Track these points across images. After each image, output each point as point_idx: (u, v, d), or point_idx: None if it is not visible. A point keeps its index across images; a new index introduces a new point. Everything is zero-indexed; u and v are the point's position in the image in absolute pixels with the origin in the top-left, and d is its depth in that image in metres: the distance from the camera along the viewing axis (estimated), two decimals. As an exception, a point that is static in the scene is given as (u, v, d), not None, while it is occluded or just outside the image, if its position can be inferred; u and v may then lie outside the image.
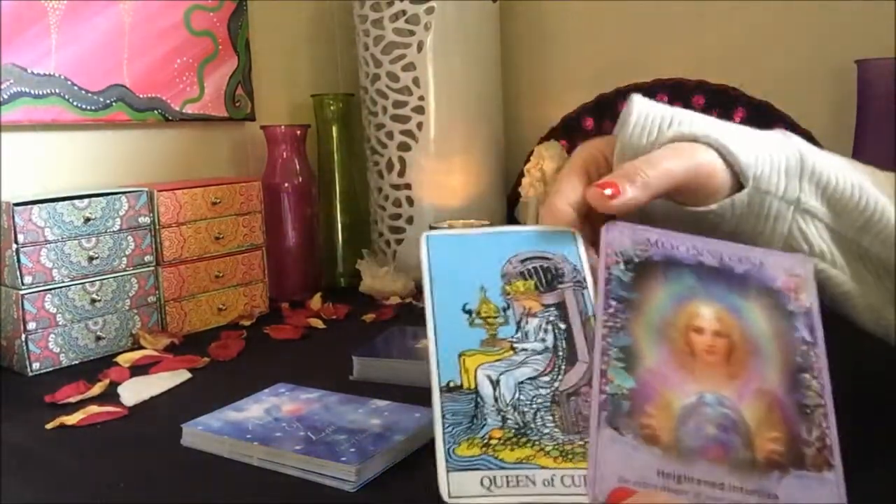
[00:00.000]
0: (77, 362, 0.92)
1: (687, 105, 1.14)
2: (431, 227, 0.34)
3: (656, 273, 0.38)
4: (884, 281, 0.45)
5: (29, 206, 0.88)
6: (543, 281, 0.39)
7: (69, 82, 1.06)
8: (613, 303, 0.36)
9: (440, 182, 1.24)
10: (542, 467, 0.33)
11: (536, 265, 0.39)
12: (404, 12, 1.22)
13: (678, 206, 0.46)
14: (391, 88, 1.25)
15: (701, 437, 0.33)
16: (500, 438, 0.34)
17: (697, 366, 0.35)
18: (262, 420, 0.65)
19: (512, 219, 1.31)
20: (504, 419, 0.34)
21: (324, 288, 1.25)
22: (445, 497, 0.32)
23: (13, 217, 0.86)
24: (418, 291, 1.20)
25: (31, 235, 0.88)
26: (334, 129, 1.32)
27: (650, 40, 1.29)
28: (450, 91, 1.24)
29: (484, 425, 0.34)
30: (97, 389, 0.80)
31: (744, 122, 1.11)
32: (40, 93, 1.03)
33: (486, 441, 0.33)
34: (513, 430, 0.34)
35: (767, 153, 0.45)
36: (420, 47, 1.22)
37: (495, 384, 0.35)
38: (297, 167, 1.23)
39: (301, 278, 1.23)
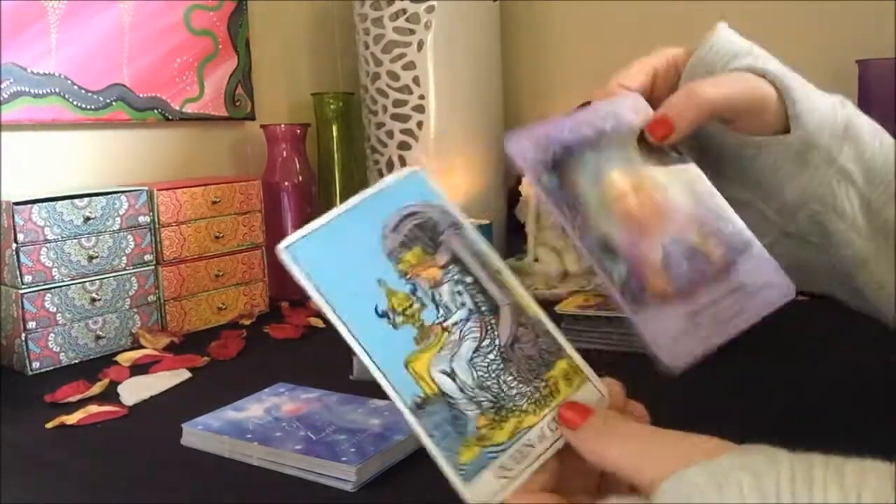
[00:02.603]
0: (77, 361, 0.92)
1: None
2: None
3: (568, 165, 0.40)
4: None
5: (29, 206, 0.88)
6: (426, 240, 0.36)
7: (69, 81, 1.06)
8: (565, 208, 0.38)
9: (440, 181, 1.24)
10: (530, 427, 0.34)
11: (410, 225, 0.36)
12: (404, 11, 1.22)
13: (724, 131, 0.48)
14: (391, 87, 1.25)
15: (683, 275, 0.39)
16: (486, 425, 0.33)
17: (644, 223, 0.40)
18: (262, 420, 0.65)
19: (512, 217, 1.31)
20: (478, 404, 0.33)
21: (324, 287, 1.25)
22: None
23: (13, 216, 0.86)
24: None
25: (30, 235, 0.88)
26: (334, 127, 1.32)
27: (650, 40, 1.29)
28: (450, 90, 1.24)
29: (467, 421, 0.33)
30: (97, 389, 0.80)
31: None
32: (40, 92, 1.03)
33: (477, 435, 0.33)
34: (491, 410, 0.34)
35: (823, 110, 0.47)
36: (420, 46, 1.22)
37: (453, 376, 0.34)
38: (297, 166, 1.23)
39: (301, 277, 1.23)
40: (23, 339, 0.87)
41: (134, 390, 0.79)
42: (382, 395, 0.74)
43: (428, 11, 1.21)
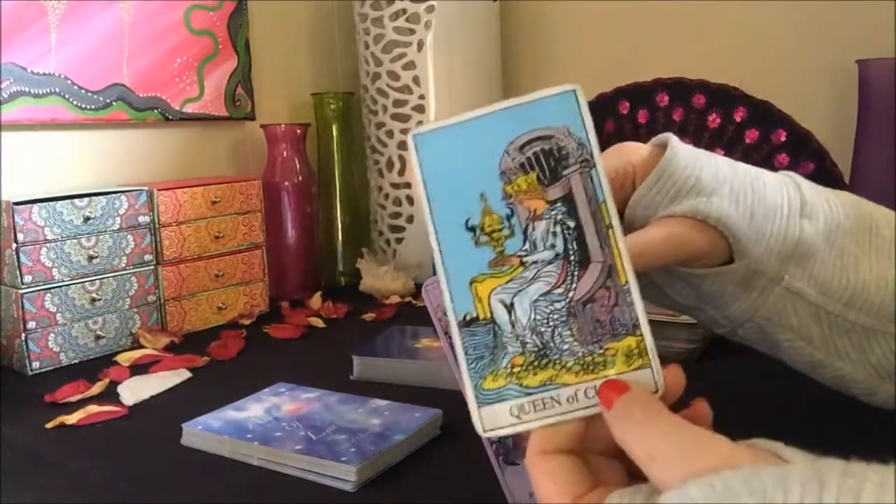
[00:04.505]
0: (77, 361, 0.92)
1: (687, 105, 1.14)
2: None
3: None
4: (867, 354, 0.47)
5: (29, 205, 0.88)
6: (546, 170, 0.34)
7: (69, 81, 1.06)
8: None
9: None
10: (565, 385, 0.33)
11: (537, 150, 0.34)
12: (404, 11, 1.22)
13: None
14: (391, 87, 1.25)
15: None
16: (521, 365, 0.34)
17: None
18: (263, 420, 0.65)
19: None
20: (523, 344, 0.34)
21: (324, 287, 1.25)
22: (480, 431, 0.33)
23: (13, 216, 0.86)
24: (418, 290, 1.20)
25: (30, 234, 0.88)
26: (334, 127, 1.32)
27: (650, 40, 1.29)
28: (450, 90, 1.24)
29: (505, 354, 0.34)
30: (97, 389, 0.80)
31: (744, 121, 1.11)
32: (40, 92, 1.03)
33: (509, 371, 0.33)
34: (533, 354, 0.34)
35: (768, 232, 0.46)
36: (420, 46, 1.22)
37: (510, 309, 0.34)
38: (297, 166, 1.23)
39: (301, 277, 1.23)
40: (23, 339, 0.87)
41: (134, 390, 0.79)
42: (383, 395, 0.74)
43: (428, 11, 1.21)
